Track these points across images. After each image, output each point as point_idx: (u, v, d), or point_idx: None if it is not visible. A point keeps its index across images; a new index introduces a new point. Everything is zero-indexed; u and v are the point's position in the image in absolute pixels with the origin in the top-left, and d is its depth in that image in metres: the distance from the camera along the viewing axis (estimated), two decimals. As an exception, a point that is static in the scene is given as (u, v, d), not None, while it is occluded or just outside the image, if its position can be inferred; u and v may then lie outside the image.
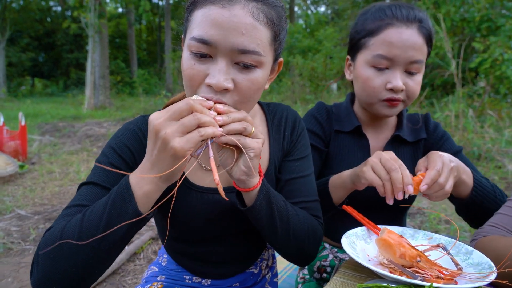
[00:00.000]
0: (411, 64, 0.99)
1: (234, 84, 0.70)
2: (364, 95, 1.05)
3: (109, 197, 0.66)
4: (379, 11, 1.02)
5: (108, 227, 0.64)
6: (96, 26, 11.23)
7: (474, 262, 0.78)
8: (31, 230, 2.92)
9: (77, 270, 0.65)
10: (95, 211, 0.66)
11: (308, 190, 0.92)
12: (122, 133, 0.83)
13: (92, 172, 0.79)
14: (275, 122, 0.94)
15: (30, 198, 3.70)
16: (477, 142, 4.75)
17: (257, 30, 0.69)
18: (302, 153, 0.94)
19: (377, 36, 0.99)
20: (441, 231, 2.96)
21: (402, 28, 0.97)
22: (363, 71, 1.03)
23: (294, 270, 1.61)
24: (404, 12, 0.98)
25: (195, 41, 0.69)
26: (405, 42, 0.97)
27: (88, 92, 11.70)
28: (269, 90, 11.81)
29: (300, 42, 13.65)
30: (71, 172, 4.65)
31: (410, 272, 0.71)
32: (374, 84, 1.01)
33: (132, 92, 17.38)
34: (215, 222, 0.88)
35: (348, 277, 0.80)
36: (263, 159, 0.91)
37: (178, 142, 0.59)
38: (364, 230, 0.92)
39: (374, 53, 1.00)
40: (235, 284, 1.00)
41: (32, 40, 23.20)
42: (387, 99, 1.01)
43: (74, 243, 0.63)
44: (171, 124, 0.60)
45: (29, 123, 8.32)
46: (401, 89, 0.99)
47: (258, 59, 0.70)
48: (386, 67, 1.00)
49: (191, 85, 0.72)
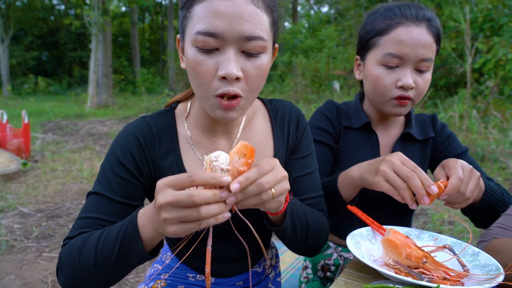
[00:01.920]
0: (421, 62, 1.00)
1: (242, 73, 0.72)
2: (374, 93, 1.06)
3: (119, 233, 0.70)
4: (388, 11, 1.03)
5: (119, 261, 0.70)
6: (100, 25, 11.25)
7: (481, 264, 0.77)
8: (33, 227, 2.93)
9: (97, 281, 0.73)
10: (107, 244, 0.70)
11: (315, 186, 0.94)
12: (126, 140, 0.83)
13: (98, 179, 0.81)
14: (278, 117, 0.95)
15: (33, 195, 3.72)
16: (481, 143, 4.73)
17: (259, 17, 0.71)
18: (307, 150, 0.95)
19: (387, 35, 1.01)
20: (445, 232, 2.95)
21: (411, 26, 0.98)
22: (373, 70, 1.04)
23: (297, 270, 1.60)
24: (413, 11, 1.00)
25: (202, 35, 0.69)
26: (415, 40, 0.97)
27: (91, 90, 11.72)
28: (272, 89, 11.80)
29: (303, 42, 13.63)
30: (74, 170, 4.66)
31: (416, 273, 0.70)
32: (385, 82, 1.02)
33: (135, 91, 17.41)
34: None
35: (353, 277, 0.80)
36: (267, 155, 0.91)
37: (173, 230, 0.60)
38: (369, 230, 0.91)
39: (384, 51, 1.01)
40: (238, 282, 1.00)
41: (36, 38, 23.27)
42: (398, 97, 1.02)
43: (91, 265, 0.70)
44: (172, 211, 0.58)
45: (32, 121, 8.35)
46: (411, 87, 1.00)
47: (263, 44, 0.72)
48: (396, 66, 1.01)
49: (205, 82, 0.73)
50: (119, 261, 0.69)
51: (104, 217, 0.78)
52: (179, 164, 0.85)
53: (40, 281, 2.18)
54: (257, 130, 0.92)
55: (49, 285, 2.14)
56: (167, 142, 0.86)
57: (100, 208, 0.78)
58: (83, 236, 0.74)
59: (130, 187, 0.81)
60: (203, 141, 0.88)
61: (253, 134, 0.92)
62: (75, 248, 0.73)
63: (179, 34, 0.80)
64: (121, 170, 0.80)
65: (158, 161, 0.84)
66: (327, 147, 1.14)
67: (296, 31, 14.72)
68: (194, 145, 0.87)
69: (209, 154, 0.61)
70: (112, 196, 0.79)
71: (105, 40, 12.21)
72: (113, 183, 0.79)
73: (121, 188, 0.79)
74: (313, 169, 0.95)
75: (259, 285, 1.04)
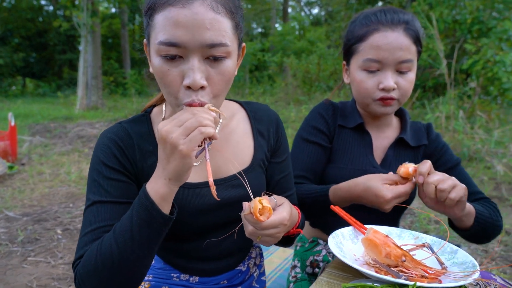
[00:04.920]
0: (400, 64, 1.04)
1: (207, 80, 0.73)
2: (359, 96, 1.12)
3: (133, 209, 0.71)
4: (365, 18, 1.09)
5: (141, 234, 0.70)
6: (89, 26, 11.13)
7: (458, 261, 0.79)
8: (19, 231, 2.88)
9: (125, 276, 0.73)
10: (124, 226, 0.71)
11: (292, 183, 1.04)
12: (106, 145, 0.84)
13: (90, 189, 0.81)
14: (257, 118, 0.98)
15: (19, 199, 3.65)
16: (467, 143, 4.80)
17: (220, 23, 0.71)
18: (286, 151, 1.01)
19: (365, 41, 1.06)
20: (431, 231, 2.99)
21: (387, 32, 1.03)
22: (356, 74, 1.10)
23: (285, 271, 1.61)
24: (388, 16, 1.05)
25: (164, 45, 0.70)
26: (391, 44, 1.02)
27: (80, 92, 11.58)
28: (262, 91, 11.82)
29: (294, 44, 13.70)
30: (62, 173, 4.60)
31: (395, 272, 0.71)
32: (367, 86, 1.08)
33: (125, 93, 17.26)
34: (203, 214, 0.89)
35: (334, 277, 0.80)
36: (246, 153, 0.94)
37: (183, 143, 0.65)
38: (351, 230, 0.93)
39: (364, 57, 1.07)
40: (223, 281, 1.00)
41: (23, 39, 22.90)
42: (380, 98, 1.07)
43: (115, 257, 0.70)
44: (176, 129, 0.66)
45: (20, 123, 8.22)
46: (392, 88, 1.05)
47: (226, 50, 0.73)
48: (377, 69, 1.06)
49: (171, 91, 0.74)
50: (141, 234, 0.70)
51: (109, 222, 0.77)
52: None
53: (24, 286, 2.14)
54: (236, 130, 0.95)
55: (34, 289, 2.11)
56: (146, 144, 0.87)
57: (102, 215, 0.77)
58: (93, 245, 0.74)
59: (123, 186, 0.82)
60: None
61: (232, 135, 0.94)
62: (92, 256, 0.72)
63: (145, 39, 0.81)
64: (110, 173, 0.81)
65: (140, 162, 0.86)
66: (321, 147, 1.18)
67: (286, 32, 14.77)
68: None
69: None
70: (110, 198, 0.79)
71: (95, 42, 12.07)
72: (107, 186, 0.80)
73: (115, 189, 0.80)
74: (290, 169, 1.03)
75: (244, 284, 1.04)
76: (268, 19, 22.85)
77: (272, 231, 0.73)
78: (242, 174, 0.87)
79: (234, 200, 0.89)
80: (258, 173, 0.95)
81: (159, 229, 0.71)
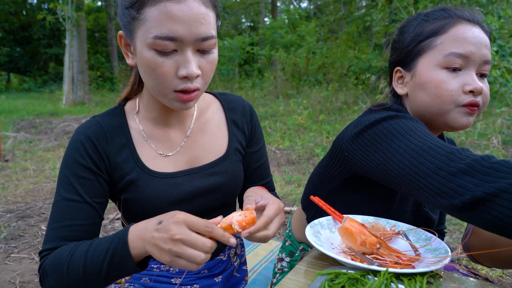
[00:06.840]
0: (484, 65, 0.88)
1: (199, 69, 0.76)
2: (438, 102, 0.89)
3: (109, 248, 0.71)
4: (440, 11, 0.94)
5: (109, 274, 0.72)
6: (74, 19, 10.91)
7: (432, 248, 0.80)
8: (2, 228, 2.83)
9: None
10: (96, 258, 0.72)
11: (268, 171, 1.08)
12: (79, 141, 0.84)
13: (60, 185, 0.81)
14: (231, 108, 1.01)
15: (2, 196, 3.59)
16: (451, 135, 4.89)
17: (209, 17, 0.75)
18: (261, 140, 1.04)
19: (446, 33, 0.89)
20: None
21: (470, 25, 0.88)
22: (433, 74, 0.89)
23: (270, 263, 1.62)
24: (467, 13, 0.91)
25: (161, 39, 0.71)
26: (477, 38, 0.87)
27: (66, 87, 11.40)
28: (251, 85, 11.79)
29: (283, 38, 13.67)
30: (47, 169, 4.53)
31: (369, 259, 0.72)
32: (451, 87, 0.87)
33: (112, 88, 17.03)
34: (179, 204, 0.90)
35: (312, 265, 0.81)
36: (221, 142, 0.96)
37: (167, 259, 0.65)
38: (329, 220, 0.93)
39: (445, 52, 0.88)
40: (203, 271, 1.00)
41: (7, 34, 22.38)
42: (468, 104, 0.87)
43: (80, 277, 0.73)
44: (180, 246, 0.64)
45: (4, 119, 8.06)
46: (481, 92, 0.87)
47: (215, 41, 0.77)
48: (460, 68, 0.88)
49: (165, 81, 0.75)
50: (109, 274, 0.72)
51: (76, 222, 0.79)
52: (135, 157, 0.88)
53: (7, 282, 2.11)
54: (211, 120, 0.97)
55: (17, 286, 2.08)
56: (119, 137, 0.87)
57: (69, 214, 0.79)
58: (66, 249, 0.75)
59: (94, 186, 0.82)
60: (156, 133, 0.91)
61: (207, 124, 0.96)
62: (61, 261, 0.74)
63: (121, 31, 0.81)
64: (82, 171, 0.82)
65: (112, 156, 0.86)
66: None
67: (275, 26, 14.72)
68: (147, 137, 0.90)
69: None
70: (79, 198, 0.80)
71: (80, 36, 11.86)
72: (77, 185, 0.80)
73: (85, 188, 0.81)
74: (266, 158, 1.07)
75: (224, 273, 1.05)
76: (257, 13, 22.73)
77: (274, 222, 0.75)
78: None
79: (212, 187, 0.92)
80: (234, 161, 0.97)
81: (128, 273, 0.73)
